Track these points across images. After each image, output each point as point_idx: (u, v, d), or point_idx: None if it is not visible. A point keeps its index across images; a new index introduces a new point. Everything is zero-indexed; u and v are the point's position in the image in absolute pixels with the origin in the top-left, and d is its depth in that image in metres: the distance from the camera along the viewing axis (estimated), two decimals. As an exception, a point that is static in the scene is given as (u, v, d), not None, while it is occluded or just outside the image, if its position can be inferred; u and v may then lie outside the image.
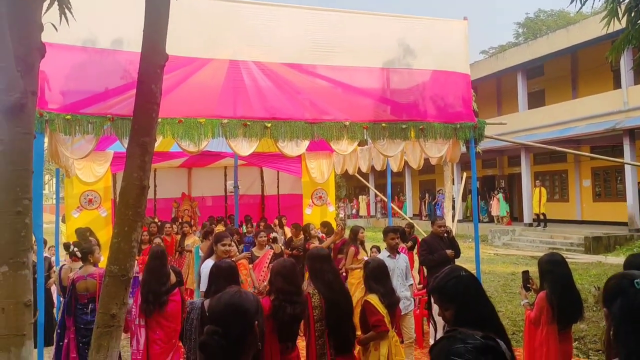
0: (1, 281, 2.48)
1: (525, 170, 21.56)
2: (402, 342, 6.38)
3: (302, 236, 9.57)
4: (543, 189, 20.17)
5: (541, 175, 22.79)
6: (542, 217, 20.25)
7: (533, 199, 20.47)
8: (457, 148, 9.07)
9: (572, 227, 19.48)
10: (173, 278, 5.99)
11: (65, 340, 5.79)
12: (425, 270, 7.93)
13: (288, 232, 10.55)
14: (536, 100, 23.30)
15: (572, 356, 4.61)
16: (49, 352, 6.70)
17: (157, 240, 7.73)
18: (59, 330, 6.06)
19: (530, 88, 23.23)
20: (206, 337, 1.85)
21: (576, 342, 6.93)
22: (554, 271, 4.33)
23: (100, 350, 2.86)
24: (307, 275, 6.84)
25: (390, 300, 4.19)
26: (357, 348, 4.29)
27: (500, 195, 23.10)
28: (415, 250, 8.11)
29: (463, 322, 1.84)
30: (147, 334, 5.92)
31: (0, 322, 2.46)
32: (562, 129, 19.51)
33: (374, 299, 4.09)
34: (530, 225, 20.97)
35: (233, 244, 6.62)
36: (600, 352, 6.58)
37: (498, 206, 23.04)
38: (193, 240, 9.88)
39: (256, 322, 1.93)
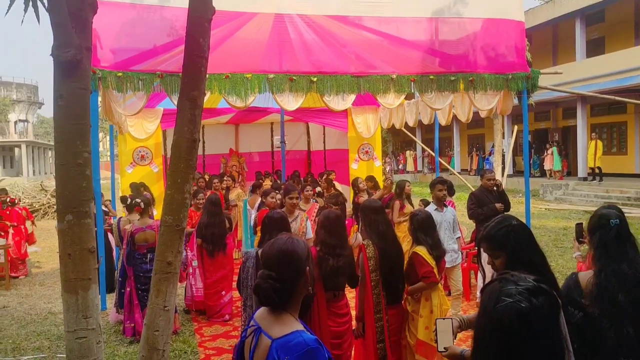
0: (66, 229, 2.64)
1: (581, 123, 20.68)
2: (449, 294, 6.43)
3: (333, 191, 9.62)
4: (599, 142, 19.35)
5: (598, 127, 21.82)
6: (597, 170, 19.52)
7: (588, 152, 19.70)
8: (509, 100, 8.80)
9: (630, 181, 18.70)
10: (227, 223, 6.85)
11: (128, 289, 6.14)
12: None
13: (337, 186, 10.62)
14: (595, 48, 22.07)
15: None
16: (111, 298, 7.12)
17: (200, 195, 7.94)
18: (120, 279, 6.41)
19: (589, 35, 21.98)
20: (260, 280, 1.93)
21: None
22: None
23: (159, 295, 3.03)
24: (355, 227, 6.94)
25: (438, 252, 4.20)
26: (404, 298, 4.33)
27: (554, 149, 22.34)
28: None
29: (514, 270, 1.84)
30: (204, 275, 6.76)
31: (68, 266, 2.64)
32: (623, 78, 18.46)
33: (422, 250, 4.11)
34: (585, 179, 20.27)
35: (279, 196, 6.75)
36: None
37: (552, 160, 22.30)
38: (237, 194, 10.09)
39: (307, 267, 2.00)
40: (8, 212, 9.96)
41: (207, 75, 6.92)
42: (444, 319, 2.44)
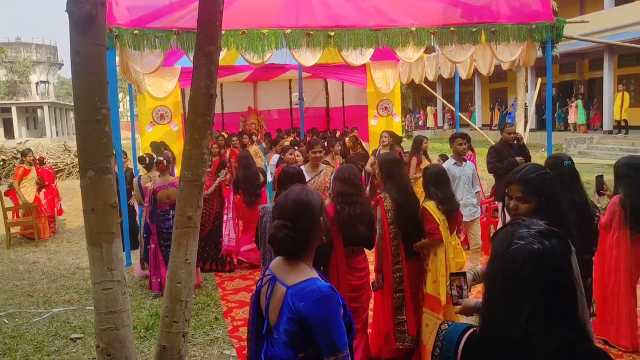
0: (89, 185, 2.70)
1: (608, 74, 20.07)
2: (468, 248, 6.46)
3: (359, 149, 9.58)
4: (626, 94, 18.80)
5: (625, 78, 21.16)
6: (623, 123, 19.06)
7: (614, 104, 19.18)
8: (532, 50, 8.56)
9: (657, 134, 18.27)
10: (261, 177, 7.20)
11: (152, 245, 6.30)
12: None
13: (361, 142, 10.58)
14: (624, -5, 21.17)
15: None
16: (135, 255, 7.32)
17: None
18: (145, 235, 6.57)
19: (618, -18, 21.07)
20: (276, 230, 1.97)
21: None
22: (630, 175, 4.16)
23: (180, 248, 3.10)
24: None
25: (449, 206, 4.11)
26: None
27: (579, 102, 21.80)
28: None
29: (540, 217, 1.86)
30: (244, 226, 7.23)
31: (91, 221, 2.71)
32: (653, 26, 17.78)
33: (430, 205, 4.07)
34: (610, 132, 19.85)
35: (299, 153, 6.77)
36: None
37: (576, 113, 21.80)
38: (253, 150, 10.11)
39: (321, 217, 2.03)
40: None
41: (223, 32, 6.83)
42: (457, 272, 2.44)
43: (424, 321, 4.04)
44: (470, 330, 1.65)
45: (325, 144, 9.57)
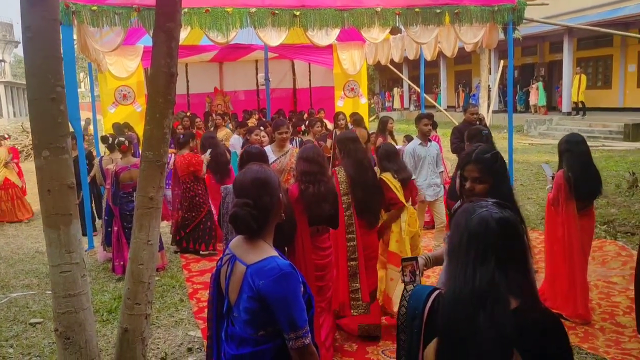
0: (44, 165, 2.62)
1: (567, 57, 20.49)
2: (433, 227, 6.60)
3: (323, 130, 9.58)
4: (583, 76, 19.26)
5: (584, 61, 21.66)
6: (580, 105, 19.56)
7: (573, 86, 19.65)
8: (495, 32, 8.68)
9: (613, 115, 18.76)
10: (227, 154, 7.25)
11: (115, 228, 6.19)
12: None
13: (327, 123, 10.55)
14: (584, -21, 21.54)
15: (593, 232, 4.75)
16: (98, 238, 7.18)
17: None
18: (106, 217, 6.45)
19: (579, -36, 21.41)
20: (237, 208, 1.95)
21: (605, 225, 6.99)
22: (571, 150, 4.47)
23: (142, 229, 3.05)
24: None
25: (403, 175, 4.44)
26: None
27: (540, 84, 22.24)
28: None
29: (492, 197, 1.94)
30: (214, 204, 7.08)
31: (48, 202, 2.64)
32: (611, 9, 18.14)
33: (387, 176, 4.36)
34: (569, 114, 20.34)
35: (265, 134, 6.73)
36: (629, 234, 6.64)
37: (537, 95, 22.25)
38: (225, 133, 9.98)
39: (280, 194, 2.03)
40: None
41: (186, 9, 6.68)
42: (409, 258, 2.47)
43: (389, 275, 4.34)
44: (437, 292, 1.72)
45: (307, 123, 9.54)
